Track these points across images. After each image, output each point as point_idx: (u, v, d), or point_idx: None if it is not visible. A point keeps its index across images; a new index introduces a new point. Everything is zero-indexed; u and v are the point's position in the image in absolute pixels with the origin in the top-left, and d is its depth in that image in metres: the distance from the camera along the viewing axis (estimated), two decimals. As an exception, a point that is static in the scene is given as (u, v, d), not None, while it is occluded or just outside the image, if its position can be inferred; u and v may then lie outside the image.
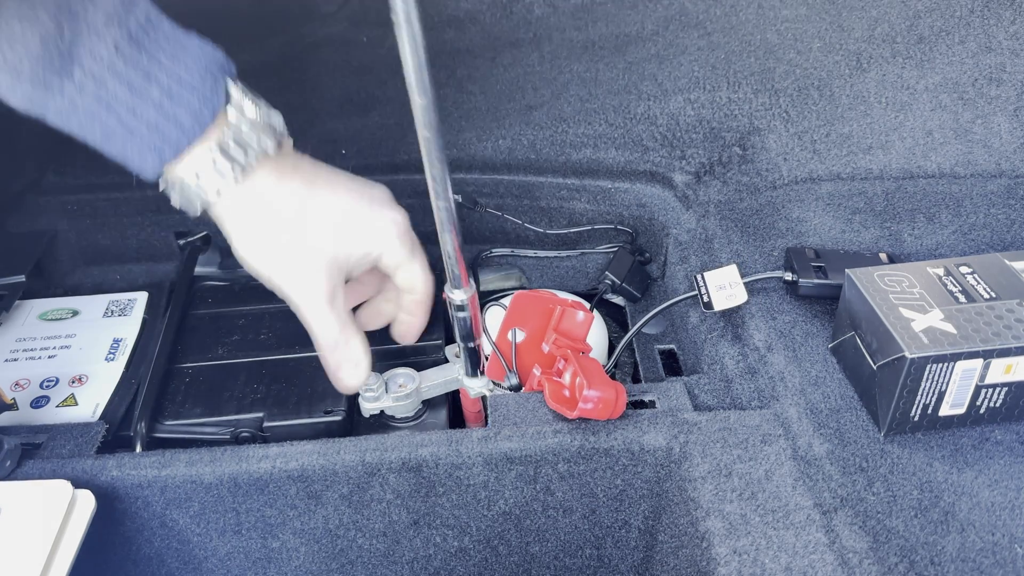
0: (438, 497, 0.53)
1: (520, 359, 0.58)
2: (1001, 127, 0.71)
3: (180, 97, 0.47)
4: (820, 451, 0.49)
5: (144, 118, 0.46)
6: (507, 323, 0.57)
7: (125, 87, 0.45)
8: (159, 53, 0.46)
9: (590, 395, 0.50)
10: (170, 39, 0.47)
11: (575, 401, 0.53)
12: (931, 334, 0.48)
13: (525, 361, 0.58)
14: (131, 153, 0.47)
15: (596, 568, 0.58)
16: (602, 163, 0.78)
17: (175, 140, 0.47)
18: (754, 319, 0.59)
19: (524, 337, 0.58)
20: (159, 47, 0.46)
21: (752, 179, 0.73)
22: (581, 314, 0.59)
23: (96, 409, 0.59)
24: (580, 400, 0.50)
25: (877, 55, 0.73)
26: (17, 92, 0.44)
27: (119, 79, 0.45)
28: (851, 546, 0.44)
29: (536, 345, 0.58)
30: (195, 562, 0.55)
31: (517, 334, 0.58)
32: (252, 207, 0.50)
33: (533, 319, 0.58)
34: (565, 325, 0.59)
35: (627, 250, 0.75)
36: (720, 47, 0.75)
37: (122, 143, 0.47)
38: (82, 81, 0.44)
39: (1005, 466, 0.48)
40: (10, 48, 0.42)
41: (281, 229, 0.51)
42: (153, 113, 0.46)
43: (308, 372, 0.62)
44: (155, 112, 0.46)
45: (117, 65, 0.45)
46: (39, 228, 0.77)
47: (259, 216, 0.51)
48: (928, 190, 0.70)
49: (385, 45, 0.77)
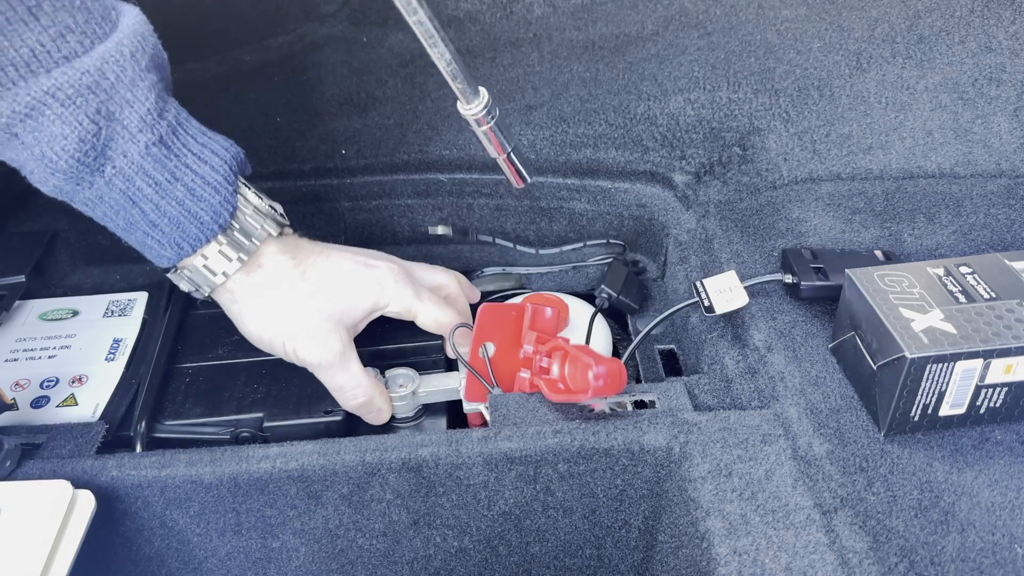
0: (438, 497, 0.53)
1: (497, 370, 0.57)
2: (1001, 127, 0.71)
3: (202, 197, 0.50)
4: (820, 451, 0.49)
5: (167, 214, 0.50)
6: (477, 339, 0.57)
7: (152, 186, 0.49)
8: (186, 155, 0.50)
9: (600, 371, 0.50)
10: (197, 140, 0.50)
11: (571, 390, 0.53)
12: (931, 334, 0.48)
13: (503, 371, 0.58)
14: (151, 244, 0.51)
15: (596, 568, 0.58)
16: (602, 163, 0.78)
17: (194, 236, 0.51)
18: (754, 319, 0.59)
19: (495, 349, 0.58)
20: (187, 149, 0.50)
21: (752, 179, 0.73)
22: (549, 310, 0.60)
23: (96, 409, 0.59)
24: (592, 379, 0.50)
25: (877, 55, 0.73)
26: (49, 183, 0.47)
27: (147, 178, 0.48)
28: (851, 546, 0.44)
29: (511, 353, 0.58)
30: (195, 562, 0.55)
31: (489, 348, 0.58)
32: (255, 284, 0.54)
33: (502, 328, 0.58)
34: (539, 323, 0.59)
35: (620, 261, 0.75)
36: (720, 47, 0.75)
37: (143, 235, 0.51)
38: (112, 178, 0.48)
39: (1005, 466, 0.48)
40: (50, 147, 0.45)
41: (284, 299, 0.55)
42: (176, 210, 0.50)
43: (308, 372, 0.62)
44: (178, 209, 0.50)
45: (146, 166, 0.48)
46: (39, 228, 0.77)
47: (262, 291, 0.54)
48: (928, 190, 0.70)
49: (385, 45, 0.77)
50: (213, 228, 0.51)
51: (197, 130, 0.51)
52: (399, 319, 0.60)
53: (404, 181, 0.80)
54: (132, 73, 0.47)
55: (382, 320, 0.67)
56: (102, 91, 0.46)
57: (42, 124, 0.45)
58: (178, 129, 0.50)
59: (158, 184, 0.49)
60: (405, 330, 0.65)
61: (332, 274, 0.56)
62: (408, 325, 0.60)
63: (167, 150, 0.49)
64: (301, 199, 0.79)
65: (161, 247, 0.51)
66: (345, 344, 0.56)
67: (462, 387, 0.59)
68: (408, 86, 0.78)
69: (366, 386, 0.57)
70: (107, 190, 0.48)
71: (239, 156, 0.53)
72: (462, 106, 0.52)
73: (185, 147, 0.50)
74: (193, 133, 0.50)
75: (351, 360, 0.56)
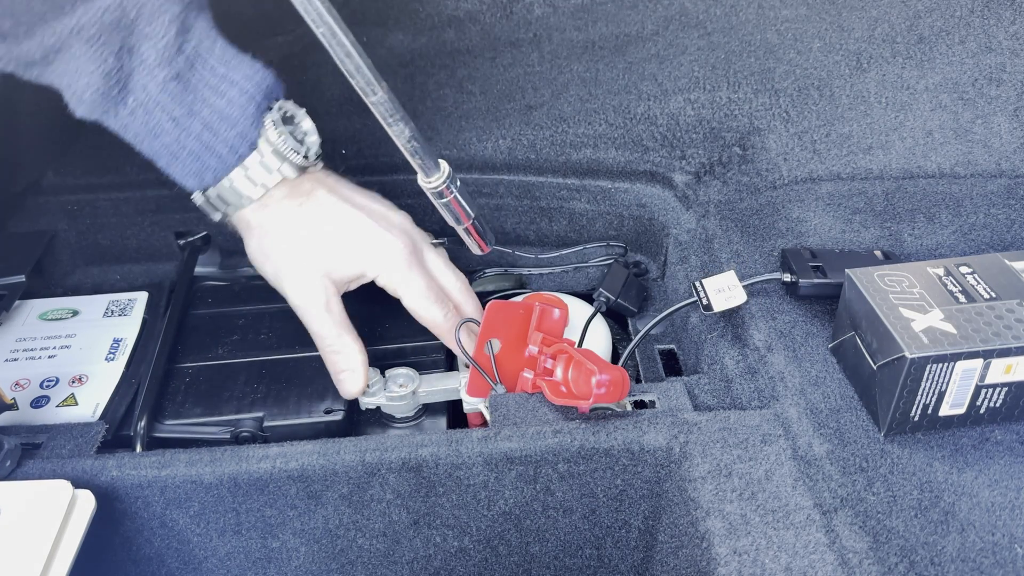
0: (438, 497, 0.53)
1: (501, 368, 0.57)
2: (1001, 127, 0.71)
3: (219, 131, 0.52)
4: (820, 451, 0.49)
5: (186, 146, 0.52)
6: (483, 335, 0.57)
7: (170, 119, 0.51)
8: (204, 90, 0.51)
9: (603, 379, 0.50)
10: (217, 72, 0.51)
11: (573, 395, 0.53)
12: (931, 334, 0.48)
13: (507, 369, 0.58)
14: (176, 173, 0.53)
15: (596, 568, 0.58)
16: (602, 163, 0.78)
17: (214, 168, 0.53)
18: (754, 319, 0.59)
19: (500, 347, 0.58)
20: (204, 83, 0.51)
21: (752, 179, 0.73)
22: (557, 311, 0.59)
23: (96, 409, 0.59)
24: (594, 387, 0.50)
25: (877, 55, 0.73)
26: (78, 110, 0.50)
27: (165, 112, 0.50)
28: (851, 546, 0.44)
29: (516, 351, 0.58)
30: (195, 562, 0.55)
31: (494, 344, 0.57)
32: (263, 219, 0.56)
33: (508, 326, 0.58)
34: (547, 324, 0.59)
35: (621, 263, 0.75)
36: (720, 47, 0.75)
37: (167, 164, 0.53)
38: (134, 109, 0.50)
39: (1005, 466, 0.48)
40: (76, 78, 0.48)
41: (284, 240, 0.57)
42: (194, 144, 0.52)
43: (308, 372, 0.62)
44: (196, 143, 0.52)
45: (164, 100, 0.50)
46: (39, 228, 0.77)
47: (267, 227, 0.56)
48: (928, 190, 0.70)
49: (385, 45, 0.77)
50: (231, 161, 0.53)
51: (219, 60, 0.51)
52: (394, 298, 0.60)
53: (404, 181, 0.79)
54: (152, 5, 0.48)
55: (382, 320, 0.67)
56: (123, 27, 0.47)
57: (68, 60, 0.47)
58: (197, 62, 0.50)
59: (176, 119, 0.50)
60: (405, 330, 0.65)
61: (330, 232, 0.57)
62: (407, 325, 0.60)
63: (184, 85, 0.50)
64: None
65: (183, 176, 0.53)
66: (330, 295, 0.57)
67: (463, 384, 0.59)
68: (408, 86, 0.78)
69: (343, 342, 0.57)
70: (130, 120, 0.50)
71: (265, 84, 0.53)
72: (423, 180, 0.54)
73: (203, 81, 0.51)
74: (214, 64, 0.51)
75: (333, 312, 0.57)
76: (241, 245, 0.59)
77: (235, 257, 0.77)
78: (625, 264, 0.76)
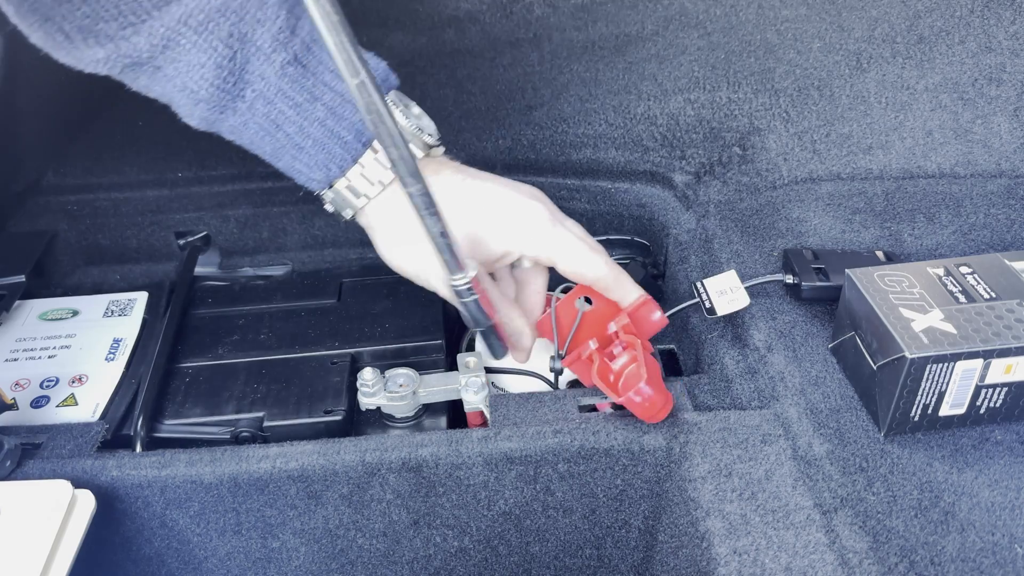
0: (438, 497, 0.53)
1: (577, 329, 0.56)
2: (1001, 127, 0.71)
3: (343, 115, 0.49)
4: (820, 451, 0.49)
5: (311, 136, 0.49)
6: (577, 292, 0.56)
7: (292, 107, 0.48)
8: (323, 72, 0.48)
9: (645, 390, 0.49)
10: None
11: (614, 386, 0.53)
12: (931, 334, 0.48)
13: (580, 333, 0.57)
14: (300, 168, 0.50)
15: (596, 568, 0.58)
16: (602, 163, 0.78)
17: (339, 157, 0.50)
18: (754, 320, 0.59)
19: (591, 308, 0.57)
20: (323, 66, 0.48)
21: (752, 179, 0.73)
22: (659, 313, 0.57)
23: (96, 409, 0.59)
24: (633, 391, 0.49)
25: (877, 55, 0.73)
26: (195, 114, 0.47)
27: (286, 99, 0.48)
28: (851, 546, 0.44)
29: (599, 322, 0.57)
30: (195, 562, 0.55)
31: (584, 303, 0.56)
32: (391, 211, 0.52)
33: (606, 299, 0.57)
34: (641, 312, 0.56)
35: (639, 263, 0.74)
36: (720, 47, 0.75)
37: (291, 159, 0.50)
38: (253, 101, 0.47)
39: (1005, 466, 0.48)
40: (190, 77, 0.45)
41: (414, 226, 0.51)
42: (319, 131, 0.49)
43: (308, 372, 0.62)
44: (320, 130, 0.49)
45: (284, 86, 0.47)
46: (39, 228, 0.77)
47: (397, 218, 0.52)
48: (928, 190, 0.70)
49: (385, 45, 0.77)
50: (357, 147, 0.50)
51: None
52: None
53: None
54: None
55: (382, 320, 0.67)
56: (232, 12, 0.45)
57: (179, 54, 0.45)
58: (312, 45, 0.48)
59: (298, 105, 0.48)
60: (405, 330, 0.65)
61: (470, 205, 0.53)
62: (408, 325, 0.60)
63: (303, 68, 0.48)
64: (303, 199, 0.79)
65: (309, 170, 0.50)
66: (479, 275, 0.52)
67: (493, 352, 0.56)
68: (408, 86, 0.77)
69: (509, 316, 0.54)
70: (250, 115, 0.48)
71: (379, 70, 0.51)
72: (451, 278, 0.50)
73: (321, 63, 0.48)
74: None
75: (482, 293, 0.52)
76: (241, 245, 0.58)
77: (235, 257, 0.77)
78: (643, 264, 0.75)
